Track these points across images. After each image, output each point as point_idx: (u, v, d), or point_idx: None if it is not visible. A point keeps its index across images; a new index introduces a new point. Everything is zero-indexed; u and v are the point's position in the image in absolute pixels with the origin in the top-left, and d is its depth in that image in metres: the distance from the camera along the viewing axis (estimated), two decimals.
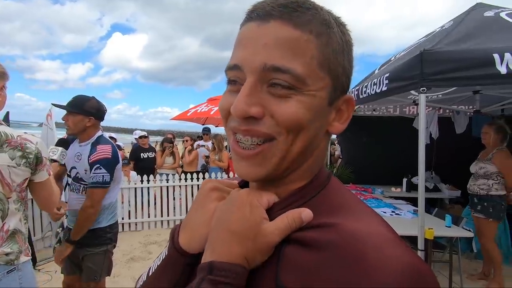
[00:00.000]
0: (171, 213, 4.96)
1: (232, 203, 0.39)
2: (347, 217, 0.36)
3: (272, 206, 0.40)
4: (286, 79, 0.35)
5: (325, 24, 0.38)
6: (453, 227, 2.78)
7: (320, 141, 0.42)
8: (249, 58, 0.37)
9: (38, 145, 1.33)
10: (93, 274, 1.87)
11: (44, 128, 3.85)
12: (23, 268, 1.28)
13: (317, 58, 0.37)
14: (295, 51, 0.35)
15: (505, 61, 1.96)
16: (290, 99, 0.36)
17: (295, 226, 0.37)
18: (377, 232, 0.34)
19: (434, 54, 2.10)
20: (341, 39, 0.39)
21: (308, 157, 0.41)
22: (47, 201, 1.44)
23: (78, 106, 1.85)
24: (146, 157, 5.36)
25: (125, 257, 3.71)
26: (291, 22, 0.36)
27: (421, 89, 2.10)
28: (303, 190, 0.41)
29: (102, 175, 1.79)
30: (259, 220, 0.37)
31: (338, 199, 0.40)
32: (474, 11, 2.73)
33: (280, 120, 0.36)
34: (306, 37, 0.36)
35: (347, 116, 0.42)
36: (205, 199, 0.43)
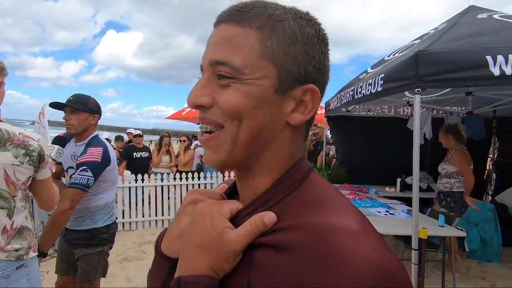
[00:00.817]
0: (166, 212, 4.93)
1: (196, 217, 0.41)
2: (317, 215, 0.36)
3: (238, 213, 0.41)
4: (225, 69, 0.39)
5: (270, 19, 0.39)
6: (446, 227, 2.81)
7: (277, 131, 0.41)
8: (203, 57, 0.42)
9: (40, 142, 1.32)
10: (87, 275, 1.84)
11: (36, 126, 3.80)
12: (30, 265, 1.29)
13: (257, 50, 0.39)
14: (234, 45, 0.39)
15: (498, 63, 2.00)
16: (230, 87, 0.39)
17: (259, 230, 0.37)
18: (345, 227, 0.33)
19: (429, 55, 2.12)
20: (293, 30, 0.40)
21: (264, 147, 0.41)
22: (49, 200, 1.43)
23: (83, 103, 1.82)
24: (139, 156, 5.30)
25: (119, 257, 3.67)
26: (234, 22, 0.40)
27: (416, 90, 2.12)
28: (270, 191, 0.41)
29: (87, 178, 1.69)
30: (221, 230, 0.38)
31: (312, 196, 0.40)
32: (468, 13, 2.77)
33: (221, 107, 0.39)
34: (246, 31, 0.39)
35: (311, 107, 0.42)
36: (181, 213, 0.46)
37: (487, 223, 3.60)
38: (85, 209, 1.84)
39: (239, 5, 0.41)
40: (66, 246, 1.91)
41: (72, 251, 1.88)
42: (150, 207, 4.86)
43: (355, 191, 4.23)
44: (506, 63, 1.99)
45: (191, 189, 0.49)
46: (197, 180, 5.03)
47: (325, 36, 0.43)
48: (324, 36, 0.43)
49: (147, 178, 4.85)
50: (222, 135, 0.40)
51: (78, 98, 1.83)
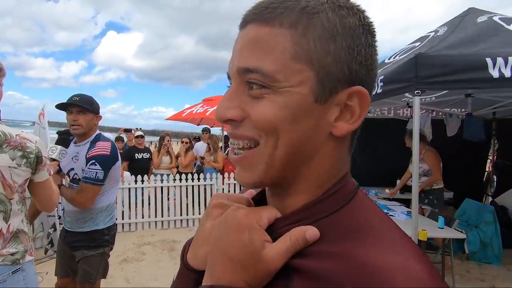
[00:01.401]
0: (165, 213, 4.93)
1: (228, 225, 0.36)
2: (370, 247, 0.31)
3: (276, 221, 0.37)
4: (256, 77, 0.34)
5: (304, 12, 0.34)
6: (446, 229, 2.82)
7: (319, 145, 0.36)
8: (230, 65, 0.38)
9: (38, 144, 1.30)
10: (88, 276, 1.84)
11: (36, 127, 3.79)
12: (27, 268, 1.28)
13: (289, 51, 0.33)
14: (264, 48, 0.34)
15: (497, 65, 2.00)
16: (263, 99, 0.34)
17: (299, 246, 0.34)
18: (405, 272, 0.28)
19: (429, 57, 2.13)
20: (333, 23, 0.34)
21: (305, 163, 0.36)
22: (48, 201, 1.42)
23: (90, 104, 1.83)
24: (140, 157, 5.30)
25: (118, 258, 3.66)
26: (262, 21, 0.34)
27: (415, 92, 2.12)
28: (314, 206, 0.36)
29: (95, 172, 1.72)
30: (260, 246, 0.34)
31: (362, 220, 0.35)
32: (468, 15, 2.78)
33: (254, 122, 0.35)
34: (276, 31, 0.34)
35: (359, 114, 0.35)
36: (206, 217, 0.43)
37: (487, 225, 3.60)
38: (88, 211, 1.83)
39: (266, 1, 0.35)
40: (66, 248, 1.90)
41: (72, 253, 1.87)
42: (149, 208, 4.85)
43: None
44: (506, 65, 1.99)
45: (216, 193, 0.46)
46: (197, 182, 5.03)
47: (371, 25, 0.36)
48: (370, 25, 0.36)
49: (146, 179, 4.84)
50: (257, 154, 0.36)
51: (84, 98, 1.83)
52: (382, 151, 4.56)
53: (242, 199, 0.43)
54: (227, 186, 5.13)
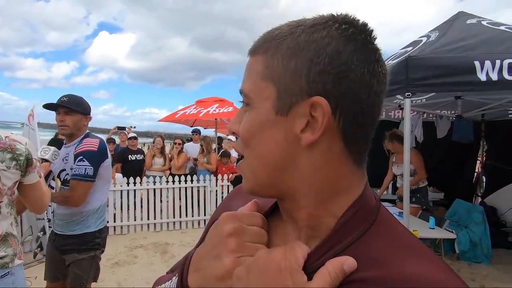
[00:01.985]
0: (158, 216, 4.88)
1: (264, 271, 0.34)
2: (407, 265, 0.32)
3: (308, 256, 0.35)
4: (243, 98, 0.40)
5: (278, 37, 0.37)
6: (437, 229, 2.86)
7: (294, 155, 0.36)
8: None
9: (28, 146, 1.28)
10: (79, 280, 1.81)
11: (25, 128, 3.72)
12: (16, 272, 1.26)
13: (260, 72, 0.38)
14: (248, 73, 0.40)
15: (485, 68, 2.04)
16: (245, 116, 0.40)
17: (340, 280, 0.32)
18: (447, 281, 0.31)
19: (419, 60, 2.17)
20: (297, 42, 0.35)
21: (287, 174, 0.37)
22: (39, 204, 1.40)
23: (78, 104, 1.81)
24: (134, 159, 5.26)
25: (110, 261, 3.62)
26: (252, 53, 0.41)
27: (406, 94, 2.16)
28: (340, 230, 0.36)
29: (84, 168, 1.67)
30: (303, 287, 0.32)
31: (391, 238, 0.35)
32: (458, 19, 2.83)
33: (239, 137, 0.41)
34: (256, 58, 0.39)
35: (320, 124, 0.34)
36: (220, 247, 0.38)
37: (477, 225, 3.66)
38: (79, 213, 1.80)
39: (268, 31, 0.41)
40: (56, 252, 1.87)
41: (61, 257, 1.84)
42: (142, 211, 4.80)
43: None
44: (493, 69, 2.04)
45: (224, 214, 0.40)
46: (190, 183, 5.00)
47: (348, 32, 0.35)
48: (346, 31, 0.35)
49: (139, 181, 4.80)
50: (244, 163, 0.40)
51: (73, 99, 1.82)
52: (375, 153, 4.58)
53: (255, 219, 0.41)
54: (220, 188, 5.11)
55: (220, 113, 5.95)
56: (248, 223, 0.40)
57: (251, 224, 0.40)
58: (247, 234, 0.39)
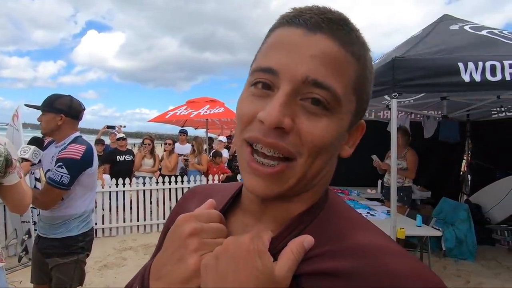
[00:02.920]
0: (148, 217, 4.83)
1: (234, 257, 0.34)
2: (354, 235, 0.36)
3: (272, 240, 0.37)
4: (325, 96, 0.34)
5: (364, 48, 0.38)
6: (424, 227, 2.92)
7: (333, 163, 0.42)
8: (291, 66, 0.34)
9: (7, 146, 1.25)
10: (62, 284, 1.76)
11: (9, 129, 3.63)
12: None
13: (353, 81, 0.36)
14: (338, 70, 0.34)
15: (468, 70, 2.10)
16: (321, 119, 0.35)
17: (301, 256, 0.35)
18: (392, 248, 0.35)
19: (405, 61, 2.21)
20: (371, 66, 0.39)
21: (320, 179, 0.40)
22: (19, 204, 1.37)
23: (49, 104, 1.77)
24: (122, 159, 5.18)
25: (98, 264, 3.55)
26: (338, 40, 0.35)
27: (393, 94, 2.20)
28: (304, 214, 0.39)
29: (61, 175, 1.64)
30: (272, 268, 0.34)
31: (339, 214, 0.40)
32: (442, 22, 2.90)
33: (305, 139, 0.34)
34: (349, 58, 0.36)
35: (355, 140, 0.42)
36: (181, 250, 0.37)
37: (462, 222, 3.75)
38: (61, 217, 1.76)
39: (334, 15, 0.36)
40: (39, 254, 1.82)
41: (46, 261, 1.80)
42: (131, 212, 4.74)
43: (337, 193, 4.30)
44: (476, 70, 2.10)
45: (180, 217, 0.39)
46: (181, 184, 4.96)
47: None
48: None
49: (128, 182, 4.73)
50: (291, 169, 0.36)
51: (48, 99, 1.79)
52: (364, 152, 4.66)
53: (212, 216, 0.40)
54: None
55: (211, 114, 5.92)
56: (205, 221, 0.39)
57: (209, 221, 0.40)
58: (206, 231, 0.38)
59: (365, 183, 4.83)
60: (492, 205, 4.23)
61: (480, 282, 3.18)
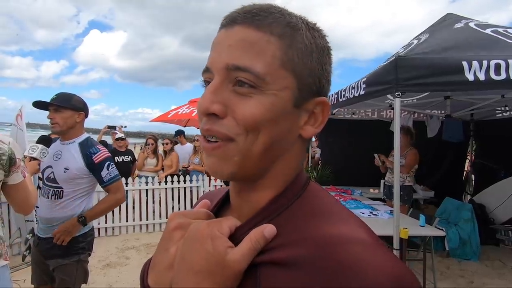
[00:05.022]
0: (150, 217, 4.84)
1: (192, 240, 0.37)
2: (323, 226, 0.35)
3: (237, 230, 0.39)
4: (247, 77, 0.36)
5: (289, 27, 0.38)
6: (427, 227, 2.90)
7: (290, 144, 0.41)
8: (215, 59, 0.39)
9: (11, 145, 1.26)
10: (66, 284, 1.76)
11: (13, 128, 3.65)
12: (1, 274, 1.23)
13: (279, 58, 0.37)
14: (256, 51, 0.37)
15: (472, 69, 2.08)
16: (251, 99, 0.37)
17: (260, 245, 0.36)
18: (355, 238, 0.33)
19: (408, 60, 2.19)
20: (310, 42, 0.39)
21: (276, 160, 0.40)
22: (24, 204, 1.37)
23: (67, 101, 1.76)
24: (121, 160, 5.12)
25: (101, 263, 3.57)
26: (253, 25, 0.38)
27: (396, 93, 2.18)
28: (272, 204, 0.40)
29: (115, 169, 1.86)
30: (223, 252, 0.35)
31: (314, 207, 0.39)
32: (446, 21, 2.88)
33: (238, 119, 0.37)
34: (267, 38, 0.37)
35: (321, 120, 0.41)
36: (168, 241, 0.41)
37: (466, 222, 3.72)
38: (60, 218, 1.76)
39: (254, 7, 0.39)
40: (40, 256, 1.82)
41: (47, 262, 1.79)
42: (134, 212, 4.75)
43: (340, 193, 4.29)
44: (480, 69, 2.08)
45: (172, 213, 0.44)
46: (183, 184, 4.97)
47: (330, 48, 0.43)
48: (330, 48, 0.43)
49: (131, 182, 4.74)
50: (232, 148, 0.37)
51: (62, 96, 1.78)
52: (367, 152, 4.66)
53: (200, 214, 0.44)
54: (213, 188, 5.09)
55: None
56: (193, 218, 0.43)
57: (196, 218, 0.43)
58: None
59: (367, 183, 4.81)
60: (496, 205, 4.20)
61: (484, 282, 3.15)
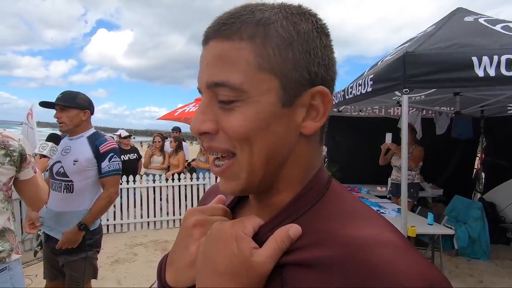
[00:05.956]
0: (158, 214, 4.90)
1: (215, 239, 0.37)
2: (349, 227, 0.34)
3: (261, 228, 0.38)
4: (226, 92, 0.36)
5: (260, 24, 0.36)
6: (435, 225, 2.86)
7: (292, 145, 0.38)
8: (199, 79, 0.39)
9: (21, 142, 1.30)
10: (75, 280, 1.81)
11: (24, 127, 3.73)
12: (13, 268, 1.27)
13: (253, 62, 0.35)
14: (229, 63, 0.36)
15: (482, 64, 2.04)
16: (235, 112, 0.36)
17: (285, 246, 0.35)
18: (385, 239, 0.32)
19: (417, 56, 2.16)
20: (288, 31, 0.36)
21: (283, 164, 0.39)
22: (34, 199, 1.42)
23: (71, 100, 1.80)
24: (127, 158, 5.17)
25: (110, 259, 3.63)
26: (222, 37, 0.36)
27: (403, 90, 2.15)
28: (294, 204, 0.39)
29: (117, 163, 1.86)
30: (248, 253, 0.34)
31: (339, 207, 0.38)
32: (455, 16, 2.82)
33: (229, 135, 0.36)
34: (237, 45, 0.36)
35: (323, 111, 0.38)
36: (187, 239, 0.41)
37: (475, 221, 3.67)
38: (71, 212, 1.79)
39: (224, 16, 0.37)
40: (50, 252, 1.86)
41: (56, 258, 1.83)
42: (142, 209, 4.82)
43: None
44: (491, 64, 2.03)
45: (189, 210, 0.44)
46: (190, 181, 5.00)
47: (324, 27, 0.39)
48: (323, 26, 0.39)
49: (138, 179, 4.80)
50: (236, 163, 0.37)
51: (66, 95, 1.81)
52: (374, 150, 4.62)
53: (217, 210, 0.44)
54: None
55: None
56: (209, 214, 0.43)
57: (213, 214, 0.43)
58: (210, 223, 0.41)
59: (374, 181, 4.77)
60: (507, 203, 4.12)
61: (493, 281, 3.11)
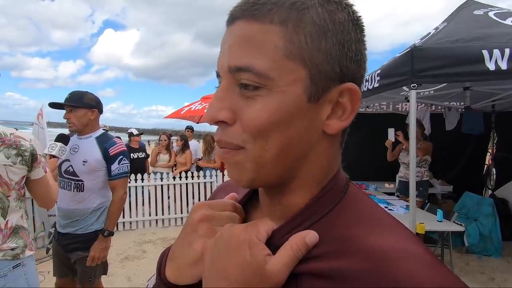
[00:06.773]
0: (166, 211, 4.95)
1: (226, 245, 0.34)
2: (368, 235, 0.32)
3: (274, 232, 0.35)
4: (249, 77, 0.32)
5: (294, 8, 0.32)
6: (445, 222, 2.82)
7: (312, 144, 0.35)
8: (220, 62, 0.36)
9: (32, 142, 1.33)
10: (87, 276, 1.85)
11: (34, 127, 3.80)
12: (27, 264, 1.31)
13: (282, 48, 0.32)
14: (255, 46, 0.32)
15: (493, 57, 1.99)
16: (256, 101, 0.33)
17: (302, 253, 0.32)
18: (410, 252, 0.30)
19: (425, 50, 2.12)
20: (323, 19, 0.33)
21: (300, 162, 0.35)
22: (45, 198, 1.45)
23: (78, 100, 1.82)
24: (136, 157, 5.23)
25: (119, 256, 3.69)
26: (251, 18, 0.33)
27: (411, 85, 2.12)
28: (311, 207, 0.36)
29: (127, 165, 1.90)
30: (262, 261, 0.32)
31: (358, 213, 0.35)
32: (464, 8, 2.76)
33: (244, 126, 0.33)
34: (267, 27, 0.32)
35: (350, 110, 0.35)
36: (192, 234, 0.38)
37: (486, 217, 3.60)
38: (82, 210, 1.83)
39: None
40: (61, 250, 1.90)
41: (68, 255, 1.87)
42: (150, 207, 4.87)
43: None
44: (502, 57, 1.98)
45: (197, 203, 0.41)
46: (197, 179, 5.04)
47: (360, 20, 0.35)
48: (359, 19, 0.35)
49: (146, 178, 4.86)
50: (243, 157, 0.34)
51: (74, 95, 1.84)
52: (381, 146, 4.57)
53: (227, 205, 0.41)
54: None
55: None
56: (219, 209, 0.40)
57: (222, 209, 0.40)
58: (217, 219, 0.39)
59: (383, 178, 4.73)
60: None
61: (505, 279, 3.05)
